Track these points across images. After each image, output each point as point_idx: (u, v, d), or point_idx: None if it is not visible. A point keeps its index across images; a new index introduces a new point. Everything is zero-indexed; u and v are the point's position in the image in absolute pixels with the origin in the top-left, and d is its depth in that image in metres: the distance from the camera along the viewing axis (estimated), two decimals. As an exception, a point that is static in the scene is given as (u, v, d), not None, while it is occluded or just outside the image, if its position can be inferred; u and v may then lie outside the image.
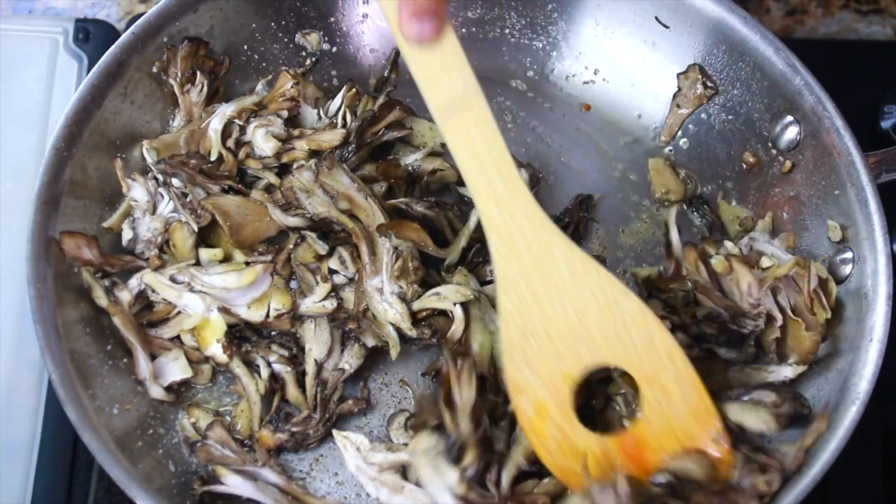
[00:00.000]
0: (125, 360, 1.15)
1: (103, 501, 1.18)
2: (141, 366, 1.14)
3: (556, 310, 1.05)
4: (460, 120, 1.03)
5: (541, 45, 1.39)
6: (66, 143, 1.14)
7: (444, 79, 1.02)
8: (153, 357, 1.16)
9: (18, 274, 1.10)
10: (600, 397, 1.16)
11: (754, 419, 1.10)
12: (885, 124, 1.43)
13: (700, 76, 1.32)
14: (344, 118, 1.31)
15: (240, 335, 1.19)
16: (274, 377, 1.18)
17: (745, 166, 1.31)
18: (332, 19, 1.36)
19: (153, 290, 1.17)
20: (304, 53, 1.36)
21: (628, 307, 1.06)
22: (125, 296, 1.15)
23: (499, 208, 1.05)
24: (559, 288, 1.05)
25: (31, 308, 1.07)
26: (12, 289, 1.24)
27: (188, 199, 1.21)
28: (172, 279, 1.17)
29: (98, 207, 1.20)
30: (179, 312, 1.17)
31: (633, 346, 1.06)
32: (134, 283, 1.17)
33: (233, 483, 1.11)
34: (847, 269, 1.17)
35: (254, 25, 1.31)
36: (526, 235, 1.05)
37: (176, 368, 1.16)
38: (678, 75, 1.34)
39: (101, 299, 1.14)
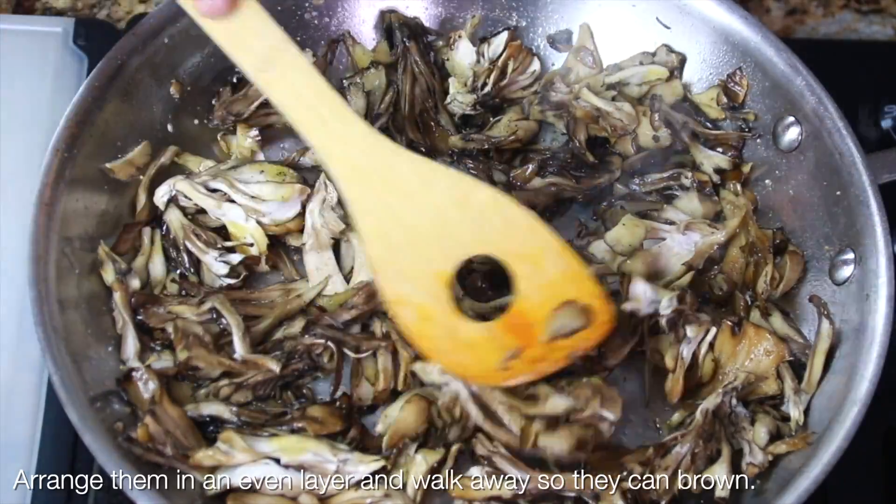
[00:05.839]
0: (126, 361, 1.15)
1: (103, 501, 1.18)
2: (129, 345, 1.15)
3: (415, 218, 1.09)
4: (278, 71, 1.05)
5: (541, 44, 1.39)
6: (66, 144, 1.14)
7: (251, 39, 1.04)
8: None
9: (19, 275, 1.09)
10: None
11: None
12: (885, 124, 1.43)
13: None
14: (503, 68, 1.32)
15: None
16: None
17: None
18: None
19: (186, 197, 1.20)
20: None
21: (480, 197, 1.09)
22: (134, 283, 1.18)
23: (336, 141, 1.07)
24: (412, 197, 1.09)
25: (31, 309, 1.07)
26: (13, 290, 1.24)
27: None
28: (206, 186, 1.21)
29: (99, 210, 1.20)
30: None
31: (493, 231, 1.10)
32: (164, 189, 1.21)
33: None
34: (848, 269, 1.17)
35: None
36: (370, 158, 1.08)
37: (163, 362, 1.15)
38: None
39: (109, 275, 1.16)
